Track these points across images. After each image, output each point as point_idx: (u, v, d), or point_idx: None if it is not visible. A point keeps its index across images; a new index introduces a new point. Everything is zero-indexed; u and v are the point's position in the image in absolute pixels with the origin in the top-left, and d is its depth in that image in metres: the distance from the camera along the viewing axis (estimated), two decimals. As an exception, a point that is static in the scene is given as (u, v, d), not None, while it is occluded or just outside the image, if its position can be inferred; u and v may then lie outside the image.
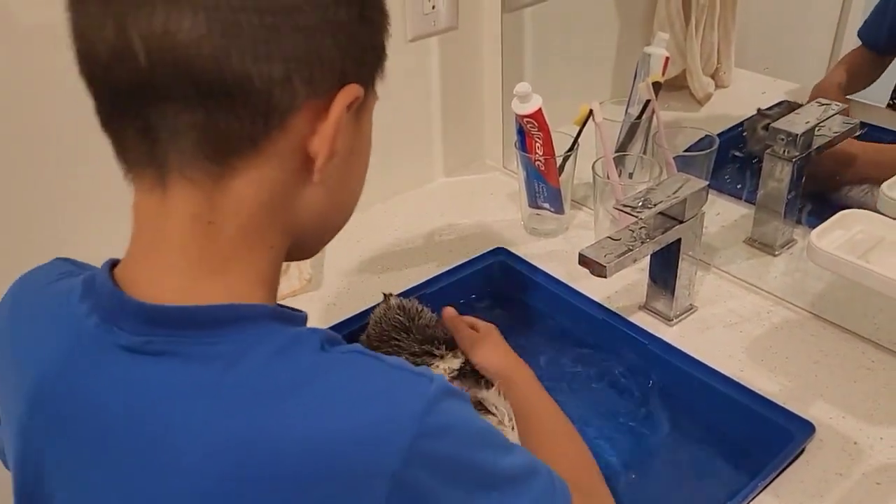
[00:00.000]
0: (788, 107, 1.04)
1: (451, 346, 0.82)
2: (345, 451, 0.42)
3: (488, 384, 0.78)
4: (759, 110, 1.09)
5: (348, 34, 0.45)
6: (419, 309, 0.84)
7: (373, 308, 0.87)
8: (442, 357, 0.80)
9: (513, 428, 0.72)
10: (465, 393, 0.49)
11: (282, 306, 0.50)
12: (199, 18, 0.40)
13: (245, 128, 0.43)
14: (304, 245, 0.53)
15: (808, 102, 0.96)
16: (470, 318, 0.85)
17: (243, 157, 0.44)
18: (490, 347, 0.80)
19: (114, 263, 0.49)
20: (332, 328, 0.88)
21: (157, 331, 0.45)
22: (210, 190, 0.45)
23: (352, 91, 0.46)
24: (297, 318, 0.49)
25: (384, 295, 0.87)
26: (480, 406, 0.75)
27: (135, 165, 0.45)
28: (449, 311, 0.85)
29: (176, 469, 0.43)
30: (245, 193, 0.45)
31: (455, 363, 0.80)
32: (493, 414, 0.74)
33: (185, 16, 0.40)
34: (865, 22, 1.06)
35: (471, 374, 0.80)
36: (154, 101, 0.42)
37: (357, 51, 0.46)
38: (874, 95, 1.07)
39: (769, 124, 0.94)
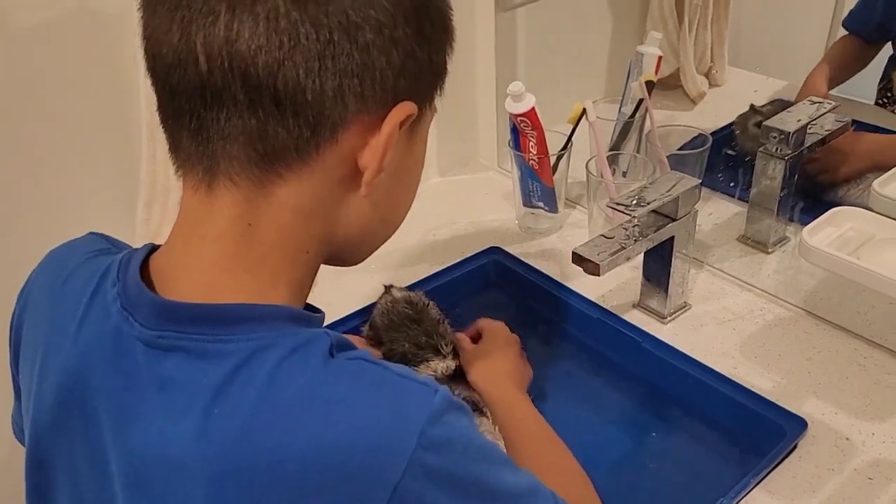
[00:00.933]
0: (781, 105, 1.04)
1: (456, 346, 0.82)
2: (346, 461, 0.42)
3: None
4: (752, 106, 1.09)
5: (406, 52, 0.46)
6: (426, 303, 0.84)
7: (372, 304, 0.87)
8: (444, 357, 0.80)
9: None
10: (467, 407, 0.48)
11: (309, 306, 0.52)
12: (258, 29, 0.42)
13: (294, 138, 0.44)
14: (344, 254, 0.53)
15: (798, 99, 0.97)
16: (479, 323, 0.85)
17: (290, 166, 0.45)
18: (482, 367, 0.79)
19: (153, 249, 0.51)
20: (326, 328, 0.88)
21: (169, 325, 0.46)
22: (254, 194, 0.46)
23: (405, 109, 0.47)
24: (315, 319, 0.50)
25: (385, 287, 0.87)
26: (474, 407, 0.75)
27: (185, 163, 0.47)
28: (458, 336, 0.84)
29: (178, 469, 0.44)
30: (288, 200, 0.46)
31: (452, 364, 0.80)
32: (486, 416, 0.74)
33: (245, 26, 0.42)
34: (851, 12, 1.06)
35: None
36: (209, 105, 0.44)
37: (414, 69, 0.47)
38: (862, 92, 1.08)
39: (761, 121, 0.94)
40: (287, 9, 0.42)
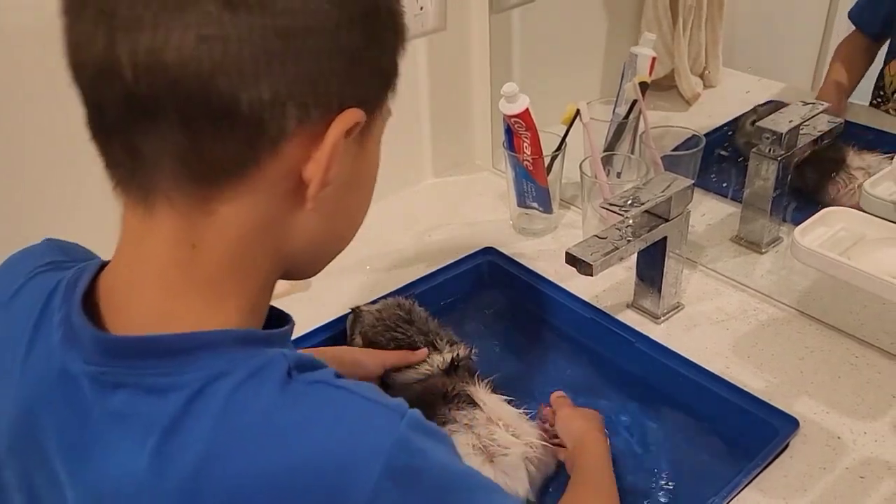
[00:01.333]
0: (775, 106, 1.05)
1: (451, 341, 0.83)
2: (306, 490, 0.40)
3: (479, 379, 0.78)
4: (756, 108, 1.09)
5: (351, 58, 0.43)
6: (412, 302, 0.87)
7: (341, 319, 0.89)
8: (440, 351, 0.82)
9: (500, 422, 0.73)
10: (443, 432, 0.46)
11: (277, 314, 0.49)
12: (187, 38, 0.39)
13: (231, 153, 0.41)
14: (299, 268, 0.51)
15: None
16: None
17: (231, 182, 0.42)
18: (578, 417, 0.77)
19: (103, 265, 0.48)
20: (321, 328, 0.88)
21: (114, 362, 0.43)
22: (195, 213, 0.43)
23: (351, 116, 0.43)
24: (274, 336, 0.46)
25: (352, 310, 0.89)
26: (468, 398, 0.75)
27: (121, 181, 0.44)
28: (556, 395, 0.82)
29: None
30: (232, 218, 0.43)
31: (448, 357, 0.81)
32: (482, 409, 0.75)
33: (173, 34, 0.39)
34: (858, 4, 1.05)
35: (462, 368, 0.81)
36: (139, 120, 0.41)
37: (361, 74, 0.44)
38: (857, 93, 1.08)
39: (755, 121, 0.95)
40: (219, 15, 0.39)
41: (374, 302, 0.89)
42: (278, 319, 0.50)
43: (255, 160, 0.42)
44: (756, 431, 0.75)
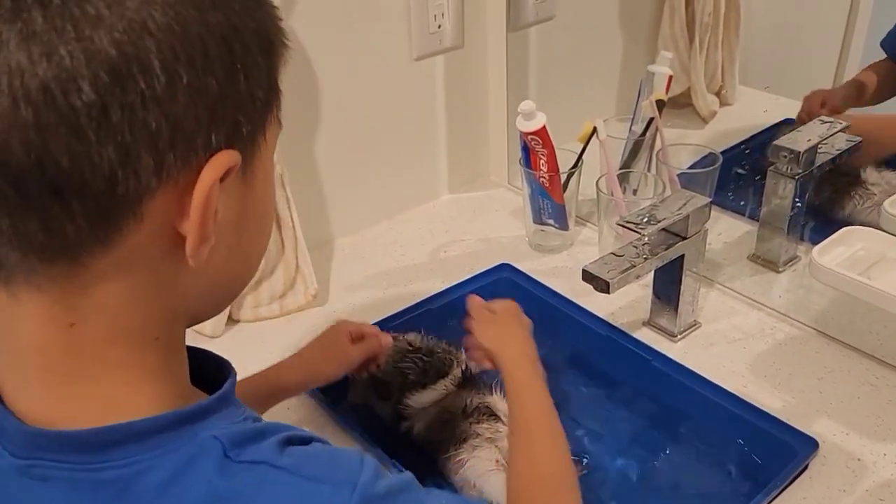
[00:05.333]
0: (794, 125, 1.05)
1: (458, 356, 0.82)
2: None
3: (497, 388, 0.78)
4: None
5: (211, 97, 0.37)
6: (413, 333, 0.85)
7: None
8: (451, 368, 0.81)
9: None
10: (403, 481, 0.43)
11: (214, 362, 0.46)
12: (2, 105, 0.33)
13: (85, 227, 0.36)
14: (200, 317, 0.46)
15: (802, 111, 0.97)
16: (491, 302, 0.82)
17: (94, 255, 0.37)
18: (496, 333, 0.77)
19: None
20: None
21: (38, 454, 0.40)
22: (64, 294, 0.38)
23: (221, 161, 0.38)
24: (207, 408, 0.41)
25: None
26: (487, 410, 0.75)
27: None
28: (472, 299, 0.82)
29: None
30: (107, 291, 0.38)
31: (458, 372, 0.80)
32: (502, 420, 0.74)
33: None
34: (891, 34, 1.05)
35: (475, 379, 0.81)
36: None
37: (227, 112, 0.38)
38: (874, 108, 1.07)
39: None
40: (33, 67, 0.33)
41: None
42: (217, 368, 0.47)
43: (116, 227, 0.37)
44: (774, 452, 0.74)
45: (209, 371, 0.47)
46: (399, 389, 0.79)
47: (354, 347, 0.80)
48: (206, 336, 0.92)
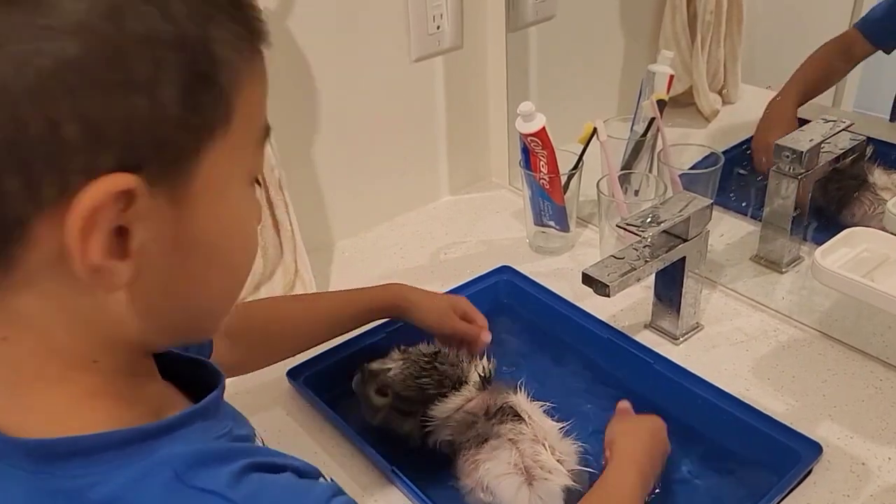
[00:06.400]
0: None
1: (471, 361, 0.80)
2: None
3: (520, 388, 0.77)
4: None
5: (94, 118, 0.34)
6: (427, 345, 0.82)
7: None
8: (468, 374, 0.79)
9: (546, 442, 0.71)
10: None
11: (205, 370, 0.45)
12: None
13: None
14: (157, 344, 0.45)
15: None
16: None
17: (1, 272, 0.37)
18: (618, 421, 0.75)
19: None
20: (336, 348, 0.88)
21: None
22: None
23: (105, 185, 0.35)
24: (165, 427, 0.40)
25: (361, 367, 0.81)
26: (511, 411, 0.73)
27: None
28: (622, 403, 0.80)
29: None
30: (31, 309, 0.38)
31: (475, 376, 0.78)
32: (527, 423, 0.73)
33: None
34: (868, 17, 1.03)
35: (494, 379, 0.79)
36: None
37: (116, 133, 0.35)
38: (872, 105, 1.06)
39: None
40: None
41: (381, 358, 0.82)
42: (211, 377, 0.46)
43: (5, 249, 0.36)
44: (778, 456, 0.74)
45: (205, 381, 0.46)
46: (421, 403, 0.77)
47: (459, 321, 0.84)
48: (204, 341, 0.92)
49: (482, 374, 0.79)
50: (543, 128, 0.98)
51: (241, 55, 0.39)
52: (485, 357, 0.81)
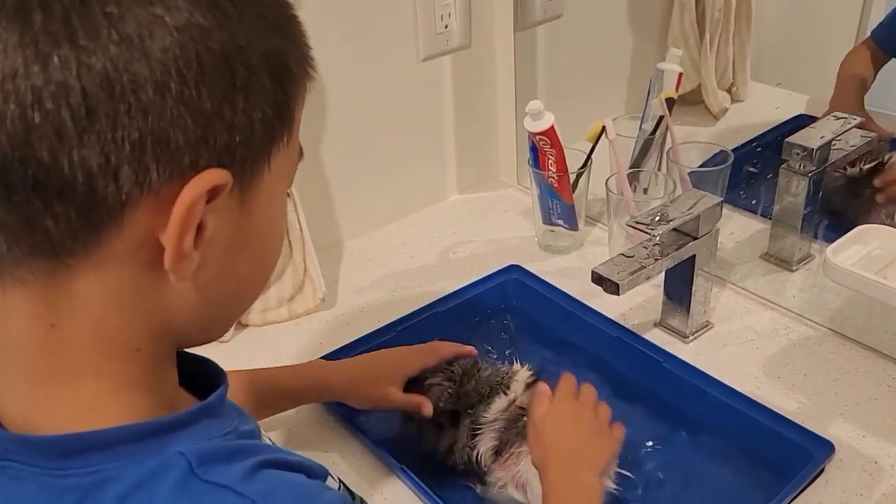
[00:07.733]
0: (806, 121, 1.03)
1: (509, 370, 0.79)
2: None
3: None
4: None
5: (203, 116, 0.37)
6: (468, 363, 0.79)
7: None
8: (511, 379, 0.77)
9: None
10: None
11: (208, 368, 0.46)
12: None
13: (64, 227, 0.37)
14: (192, 338, 0.46)
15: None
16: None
17: (76, 256, 0.38)
18: (537, 440, 0.70)
19: None
20: (345, 347, 0.88)
21: (10, 455, 0.40)
22: (45, 290, 0.39)
23: (207, 179, 0.38)
24: (175, 423, 0.41)
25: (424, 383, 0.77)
26: (524, 411, 0.73)
27: None
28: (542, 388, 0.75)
29: None
30: (89, 294, 0.39)
31: (525, 375, 0.78)
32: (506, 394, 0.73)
33: None
34: (882, 25, 1.03)
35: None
36: None
37: (220, 132, 0.38)
38: (884, 103, 1.06)
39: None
40: (26, 69, 0.34)
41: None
42: (215, 376, 0.47)
43: (96, 232, 0.37)
44: (789, 455, 0.73)
45: (209, 379, 0.46)
46: (465, 410, 0.75)
47: (395, 394, 0.76)
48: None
49: (528, 382, 0.77)
50: (552, 126, 0.98)
51: (304, 71, 0.43)
52: (517, 363, 0.81)
